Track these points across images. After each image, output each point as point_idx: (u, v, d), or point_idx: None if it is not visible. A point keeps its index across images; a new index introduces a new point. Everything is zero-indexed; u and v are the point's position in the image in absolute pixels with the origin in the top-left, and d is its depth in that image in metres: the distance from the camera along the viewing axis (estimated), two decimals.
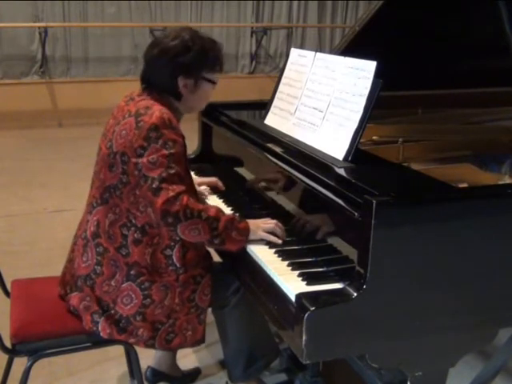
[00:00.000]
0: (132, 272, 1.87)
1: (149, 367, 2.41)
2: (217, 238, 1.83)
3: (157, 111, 1.85)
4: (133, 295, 1.87)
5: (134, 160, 1.82)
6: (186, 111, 2.05)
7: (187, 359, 2.61)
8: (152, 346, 1.93)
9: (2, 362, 2.11)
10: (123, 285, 1.87)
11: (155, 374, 2.41)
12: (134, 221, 1.87)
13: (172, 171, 1.81)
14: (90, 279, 1.90)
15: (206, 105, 2.13)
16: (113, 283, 1.88)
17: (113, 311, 1.88)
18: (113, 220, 1.88)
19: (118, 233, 1.88)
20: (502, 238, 1.65)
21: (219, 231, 1.82)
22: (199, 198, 2.13)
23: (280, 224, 1.94)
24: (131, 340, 1.90)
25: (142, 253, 1.87)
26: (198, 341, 1.99)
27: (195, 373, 2.54)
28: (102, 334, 1.88)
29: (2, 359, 2.07)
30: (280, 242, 1.89)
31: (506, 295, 1.71)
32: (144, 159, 1.80)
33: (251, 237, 1.89)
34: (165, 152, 1.80)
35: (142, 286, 1.87)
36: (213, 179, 2.40)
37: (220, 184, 2.38)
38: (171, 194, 1.79)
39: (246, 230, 1.88)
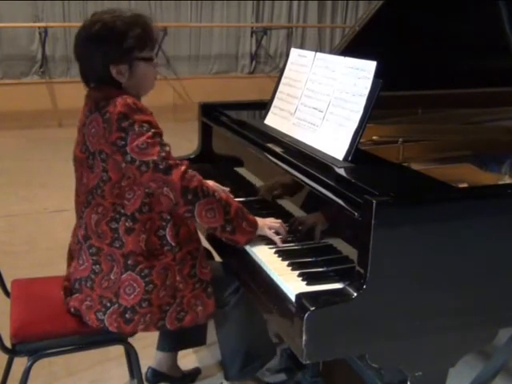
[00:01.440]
0: (129, 262, 1.86)
1: (149, 368, 2.40)
2: (229, 224, 1.85)
3: (118, 98, 1.79)
4: (134, 284, 1.86)
5: (116, 156, 1.79)
6: (137, 95, 1.93)
7: (187, 359, 2.61)
8: (163, 327, 1.91)
9: (2, 362, 2.11)
10: (123, 276, 1.86)
11: (155, 374, 2.41)
12: (122, 211, 1.84)
13: (167, 148, 1.79)
14: (89, 280, 1.90)
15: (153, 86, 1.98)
16: (112, 277, 1.87)
17: (116, 305, 1.87)
18: (97, 220, 1.87)
19: (107, 229, 1.86)
20: (502, 238, 1.65)
21: (231, 216, 1.84)
22: None
23: (284, 225, 1.95)
24: (140, 327, 1.88)
25: (136, 241, 1.86)
26: (210, 314, 1.97)
27: (195, 373, 2.54)
28: (110, 329, 1.87)
29: (2, 359, 2.07)
30: (281, 244, 1.89)
31: (506, 295, 1.71)
32: (132, 148, 1.76)
33: (258, 232, 1.90)
34: (148, 133, 1.77)
35: (142, 274, 1.86)
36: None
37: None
38: (183, 168, 1.78)
39: (255, 223, 1.90)
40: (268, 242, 1.91)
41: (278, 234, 1.92)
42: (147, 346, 2.43)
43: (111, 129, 1.78)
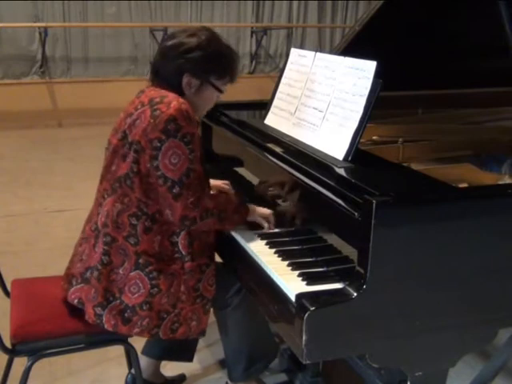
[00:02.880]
0: (140, 261, 1.87)
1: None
2: (224, 224, 1.95)
3: (174, 100, 1.83)
4: (140, 284, 1.87)
5: (149, 152, 1.81)
6: None
7: None
8: (156, 335, 1.92)
9: (2, 362, 2.10)
10: (131, 273, 1.87)
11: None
12: (145, 209, 1.87)
13: (192, 174, 1.83)
14: (96, 270, 1.89)
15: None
16: (121, 271, 1.87)
17: (118, 301, 1.87)
18: (120, 209, 1.88)
19: (127, 222, 1.87)
20: (502, 238, 1.65)
21: (227, 220, 1.93)
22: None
23: (273, 217, 2.01)
24: (135, 330, 1.88)
25: (152, 241, 1.87)
26: (202, 331, 1.99)
27: (179, 379, 2.52)
28: (106, 327, 1.87)
29: (2, 359, 2.07)
30: (271, 230, 1.97)
31: (505, 295, 1.71)
32: (163, 158, 1.80)
33: (248, 218, 1.99)
34: (185, 149, 1.80)
35: (151, 276, 1.87)
36: (221, 184, 2.32)
37: (229, 188, 2.32)
38: (191, 199, 1.83)
39: (246, 213, 1.99)
40: (268, 241, 1.91)
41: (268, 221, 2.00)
42: None
43: (156, 126, 1.80)
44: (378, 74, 1.82)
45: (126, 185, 1.87)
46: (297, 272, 1.70)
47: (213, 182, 2.30)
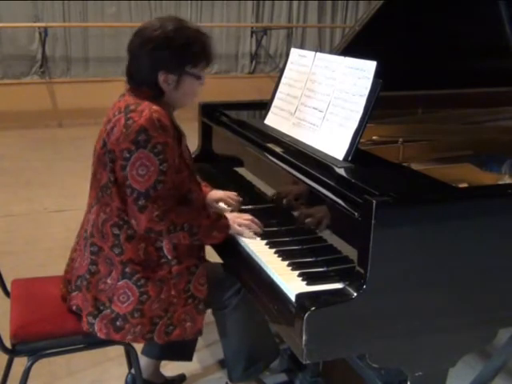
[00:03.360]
0: (127, 270, 1.86)
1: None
2: (196, 240, 1.90)
3: (146, 109, 1.79)
4: (129, 293, 1.86)
5: (120, 162, 1.79)
6: (173, 106, 1.97)
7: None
8: (151, 340, 1.92)
9: (2, 362, 2.10)
10: (119, 283, 1.86)
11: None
12: (126, 218, 1.85)
13: (160, 186, 1.79)
14: (84, 279, 1.89)
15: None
16: (109, 281, 1.87)
17: (109, 310, 1.87)
18: (104, 219, 1.87)
19: (110, 232, 1.87)
20: (502, 238, 1.65)
21: (199, 236, 1.88)
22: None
23: (256, 220, 1.99)
24: (129, 337, 1.88)
25: (136, 249, 1.86)
26: (198, 331, 1.98)
27: (179, 379, 2.52)
28: (99, 335, 1.87)
29: (2, 359, 2.07)
30: (255, 237, 1.93)
31: (505, 295, 1.71)
32: (131, 169, 1.77)
33: (230, 232, 1.94)
34: (154, 160, 1.77)
35: (138, 283, 1.86)
36: (230, 195, 2.24)
37: (237, 198, 2.24)
38: (156, 213, 1.79)
39: (226, 228, 1.93)
40: (268, 241, 1.91)
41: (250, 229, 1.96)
42: None
43: (127, 137, 1.78)
44: (377, 74, 1.82)
45: (106, 194, 1.86)
46: (297, 272, 1.70)
47: (215, 191, 2.25)
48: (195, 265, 1.95)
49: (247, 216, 2.01)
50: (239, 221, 1.97)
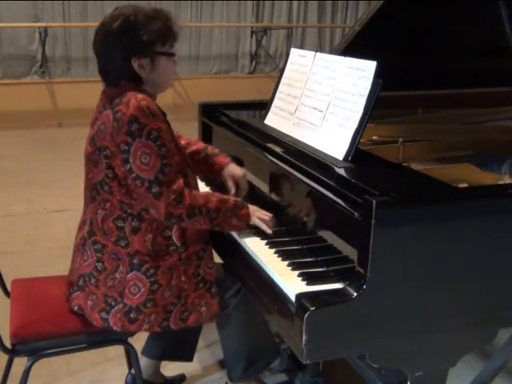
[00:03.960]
0: (135, 261, 1.86)
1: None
2: (217, 226, 1.89)
3: (132, 99, 1.78)
4: (139, 284, 1.86)
5: (119, 156, 1.78)
6: (154, 92, 1.94)
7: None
8: (167, 328, 1.91)
9: (2, 362, 2.10)
10: (128, 275, 1.86)
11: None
12: (129, 210, 1.85)
13: (167, 169, 1.79)
14: (92, 277, 1.89)
15: (171, 83, 1.97)
16: (117, 276, 1.87)
17: (121, 305, 1.86)
18: (104, 215, 1.87)
19: (113, 227, 1.86)
20: (502, 238, 1.65)
21: (219, 221, 1.88)
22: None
23: (274, 220, 1.98)
24: (145, 327, 1.88)
25: (143, 240, 1.86)
26: (213, 315, 1.97)
27: (179, 379, 2.52)
28: (114, 329, 1.87)
29: (2, 359, 2.07)
30: (270, 231, 1.93)
31: (505, 295, 1.71)
32: (134, 159, 1.76)
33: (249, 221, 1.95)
34: (153, 147, 1.76)
35: (148, 274, 1.86)
36: (244, 182, 2.22)
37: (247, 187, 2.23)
38: (172, 196, 1.79)
39: (247, 217, 1.93)
40: (268, 241, 1.91)
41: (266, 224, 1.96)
42: None
43: (120, 130, 1.77)
44: (377, 74, 1.82)
45: (103, 191, 1.85)
46: (297, 272, 1.70)
47: (236, 169, 2.22)
48: (203, 249, 1.95)
49: (266, 213, 1.99)
50: (258, 214, 1.97)
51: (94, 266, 1.89)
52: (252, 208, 1.97)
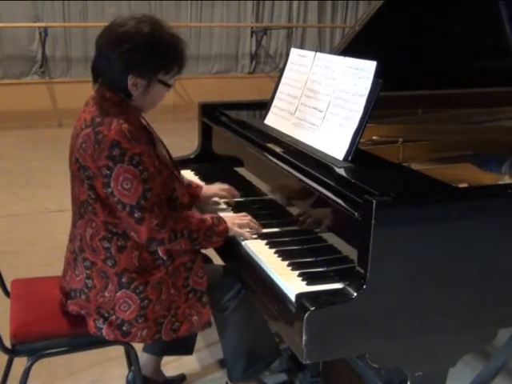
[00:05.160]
0: (123, 280, 1.84)
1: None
2: (197, 245, 1.90)
3: (114, 121, 1.73)
4: (129, 301, 1.85)
5: (100, 179, 1.75)
6: (137, 109, 1.89)
7: (186, 359, 2.60)
8: (159, 339, 1.91)
9: (2, 362, 2.10)
10: (117, 294, 1.85)
11: None
12: (114, 229, 1.83)
13: (149, 194, 1.76)
14: (83, 293, 1.89)
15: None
16: (107, 294, 1.86)
17: (114, 317, 1.86)
18: (92, 234, 1.85)
19: (100, 246, 1.84)
20: (502, 238, 1.65)
21: (199, 241, 1.88)
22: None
23: (254, 220, 1.99)
24: (137, 340, 1.89)
25: (129, 257, 1.85)
26: (206, 323, 1.97)
27: (179, 379, 2.52)
28: (107, 338, 1.88)
29: (2, 359, 2.07)
30: (255, 236, 1.94)
31: (505, 295, 1.71)
32: (116, 184, 1.73)
33: (229, 234, 1.94)
34: (135, 172, 1.73)
35: (137, 291, 1.85)
36: (223, 187, 2.25)
37: (235, 192, 2.26)
38: (155, 221, 1.77)
39: (225, 232, 1.93)
40: (268, 241, 1.91)
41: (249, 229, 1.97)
42: None
43: (101, 153, 1.73)
44: (377, 74, 1.82)
45: (88, 210, 1.83)
46: (297, 272, 1.70)
47: (208, 187, 2.27)
48: (191, 260, 1.94)
49: (244, 215, 2.01)
50: (238, 222, 1.97)
51: (84, 283, 1.88)
52: (229, 218, 1.96)
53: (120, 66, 1.77)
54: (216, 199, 2.26)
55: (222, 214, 2.01)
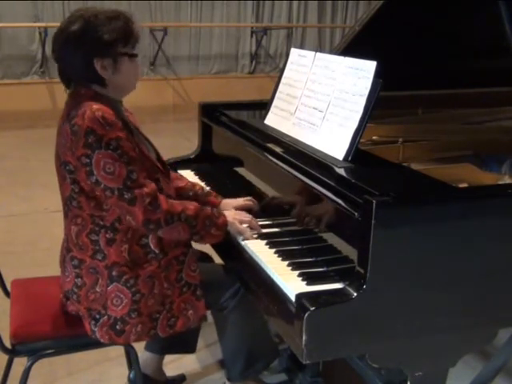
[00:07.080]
0: (114, 273, 1.84)
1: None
2: (196, 235, 1.88)
3: (88, 110, 1.73)
4: (121, 295, 1.84)
5: (83, 169, 1.75)
6: (118, 96, 1.90)
7: (186, 359, 2.61)
8: (156, 336, 1.91)
9: (2, 362, 2.10)
10: (109, 288, 1.84)
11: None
12: (101, 222, 1.82)
13: (134, 175, 1.75)
14: (74, 293, 1.88)
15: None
16: (98, 289, 1.85)
17: (105, 317, 1.85)
18: (77, 231, 1.85)
19: (87, 241, 1.84)
20: (502, 238, 1.65)
21: (198, 229, 1.86)
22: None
23: (254, 219, 1.99)
24: (132, 338, 1.87)
25: (119, 251, 1.84)
26: (201, 317, 1.96)
27: (180, 379, 2.51)
28: (102, 341, 1.87)
29: (2, 359, 2.07)
30: (255, 236, 1.93)
31: (505, 295, 1.71)
32: (98, 171, 1.72)
33: (229, 229, 1.94)
34: (114, 156, 1.72)
35: (128, 284, 1.84)
36: (244, 202, 2.17)
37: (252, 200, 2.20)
38: (147, 199, 1.76)
39: (225, 225, 1.92)
40: (268, 241, 1.91)
41: (250, 227, 1.97)
42: None
43: (78, 143, 1.73)
44: (377, 74, 1.82)
45: (73, 206, 1.83)
46: (297, 272, 1.70)
47: (234, 201, 2.20)
48: (183, 253, 1.93)
49: (246, 214, 2.01)
50: (240, 218, 1.96)
51: (73, 283, 1.88)
52: (231, 213, 1.96)
53: (81, 57, 1.80)
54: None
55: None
